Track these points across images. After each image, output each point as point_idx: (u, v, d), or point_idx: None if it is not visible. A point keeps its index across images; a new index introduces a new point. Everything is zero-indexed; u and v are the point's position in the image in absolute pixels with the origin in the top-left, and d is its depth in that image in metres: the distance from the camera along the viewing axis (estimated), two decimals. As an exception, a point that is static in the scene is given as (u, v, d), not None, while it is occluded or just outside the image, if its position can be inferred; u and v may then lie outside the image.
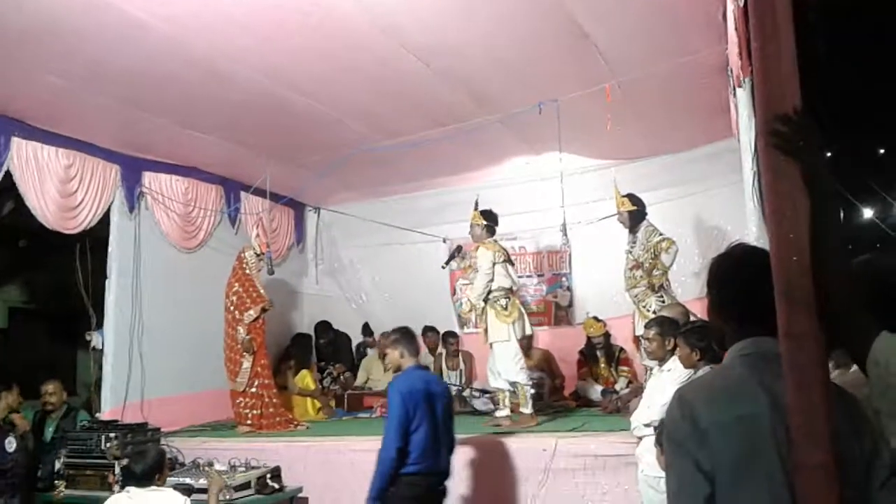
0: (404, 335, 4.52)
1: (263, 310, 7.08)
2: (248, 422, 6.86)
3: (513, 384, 6.27)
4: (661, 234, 6.43)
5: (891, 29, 7.89)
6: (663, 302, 6.14)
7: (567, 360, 8.19)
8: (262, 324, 7.10)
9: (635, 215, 6.57)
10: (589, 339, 7.77)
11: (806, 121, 1.54)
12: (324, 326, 9.09)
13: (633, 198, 6.61)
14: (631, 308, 6.68)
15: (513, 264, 6.74)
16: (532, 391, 6.36)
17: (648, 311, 6.15)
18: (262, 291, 7.18)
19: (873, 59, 8.37)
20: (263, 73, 5.46)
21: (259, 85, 5.61)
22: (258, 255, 7.33)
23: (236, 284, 7.14)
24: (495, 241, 6.60)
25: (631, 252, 6.56)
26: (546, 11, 4.68)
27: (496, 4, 4.60)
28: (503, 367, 6.30)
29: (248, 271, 7.21)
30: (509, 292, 6.46)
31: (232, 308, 7.06)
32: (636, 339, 6.40)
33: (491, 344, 6.41)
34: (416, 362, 4.52)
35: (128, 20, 4.50)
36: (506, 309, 6.36)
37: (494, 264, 6.39)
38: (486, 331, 6.49)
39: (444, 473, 4.37)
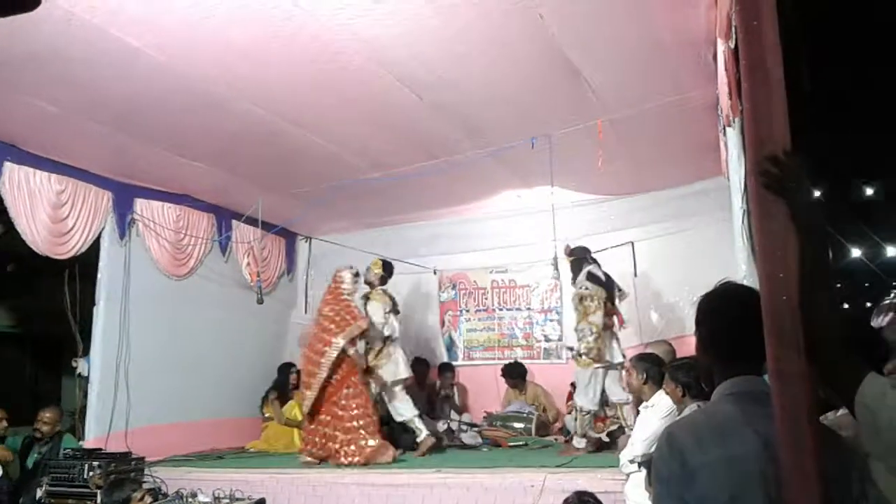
0: None
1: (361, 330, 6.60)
2: (312, 448, 6.57)
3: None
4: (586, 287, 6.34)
5: (877, 69, 8.02)
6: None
7: (554, 395, 8.17)
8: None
9: (574, 265, 6.57)
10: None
11: (796, 161, 1.56)
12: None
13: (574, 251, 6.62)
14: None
15: (398, 313, 7.14)
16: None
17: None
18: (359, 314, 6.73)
19: (862, 99, 8.50)
20: (258, 102, 5.47)
21: (253, 114, 5.62)
22: (355, 276, 6.94)
23: (327, 308, 6.79)
24: (385, 290, 7.05)
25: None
26: (539, 48, 4.73)
27: (490, 40, 4.64)
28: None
29: (344, 295, 6.82)
30: (388, 340, 6.90)
31: (328, 325, 6.62)
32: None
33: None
34: None
35: (123, 48, 4.51)
36: (378, 353, 6.85)
37: (387, 313, 6.87)
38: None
39: None
